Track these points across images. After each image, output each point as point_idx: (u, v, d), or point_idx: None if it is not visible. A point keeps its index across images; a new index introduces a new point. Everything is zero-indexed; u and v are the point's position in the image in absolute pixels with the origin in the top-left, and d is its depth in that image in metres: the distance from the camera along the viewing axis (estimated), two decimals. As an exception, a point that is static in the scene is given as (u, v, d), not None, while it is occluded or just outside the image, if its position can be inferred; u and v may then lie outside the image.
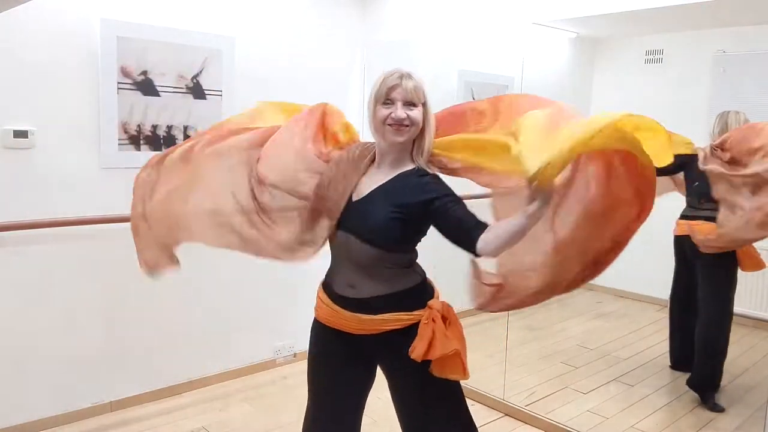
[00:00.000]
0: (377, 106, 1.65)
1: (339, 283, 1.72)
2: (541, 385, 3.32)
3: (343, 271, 1.71)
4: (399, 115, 1.61)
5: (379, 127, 1.66)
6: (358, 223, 1.65)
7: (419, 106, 1.65)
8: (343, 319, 1.71)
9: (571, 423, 2.90)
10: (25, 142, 2.63)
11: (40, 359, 2.77)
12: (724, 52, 3.47)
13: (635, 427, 2.92)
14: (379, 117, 1.64)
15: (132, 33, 2.84)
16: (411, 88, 1.62)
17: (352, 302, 1.69)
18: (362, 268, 1.67)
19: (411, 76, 1.65)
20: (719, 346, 3.07)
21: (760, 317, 3.52)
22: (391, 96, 1.63)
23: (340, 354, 1.76)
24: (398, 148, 1.68)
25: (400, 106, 1.62)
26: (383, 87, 1.64)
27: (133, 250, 3.00)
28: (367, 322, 1.67)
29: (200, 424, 2.94)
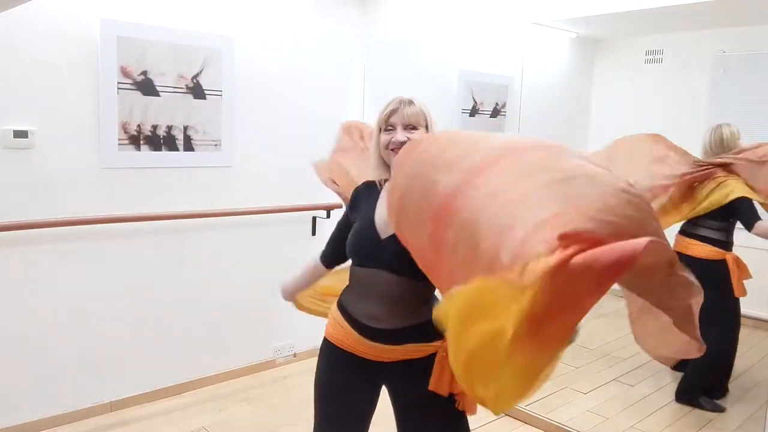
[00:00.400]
0: (380, 134, 1.67)
1: (360, 313, 1.67)
2: (541, 385, 3.32)
3: (365, 304, 1.66)
4: (398, 139, 1.62)
5: (384, 154, 1.67)
6: (392, 259, 1.60)
7: (420, 129, 1.65)
8: (361, 345, 1.67)
9: (571, 423, 2.90)
10: (25, 142, 2.63)
11: (40, 359, 2.78)
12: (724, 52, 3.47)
13: (635, 427, 2.92)
14: (382, 143, 1.66)
15: (132, 33, 2.84)
16: (410, 113, 1.64)
17: (374, 332, 1.65)
18: (391, 300, 1.63)
19: (412, 102, 1.66)
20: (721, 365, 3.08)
21: (760, 317, 3.52)
22: (390, 121, 1.65)
23: (352, 374, 1.72)
24: None
25: (400, 130, 1.63)
26: (383, 114, 1.66)
27: (133, 250, 3.01)
28: (386, 350, 1.64)
29: (200, 424, 2.94)
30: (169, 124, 3.03)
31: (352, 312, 1.69)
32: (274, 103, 3.42)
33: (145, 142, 2.97)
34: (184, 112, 3.07)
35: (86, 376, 2.92)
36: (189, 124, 3.09)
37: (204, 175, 3.20)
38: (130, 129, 2.92)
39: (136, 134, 2.94)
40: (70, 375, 2.87)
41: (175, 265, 3.16)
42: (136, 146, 2.95)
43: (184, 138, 3.08)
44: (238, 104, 3.25)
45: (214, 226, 3.26)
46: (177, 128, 3.06)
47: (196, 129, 3.12)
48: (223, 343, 3.38)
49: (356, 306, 1.68)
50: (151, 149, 2.99)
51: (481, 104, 3.97)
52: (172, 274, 3.16)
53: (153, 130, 2.99)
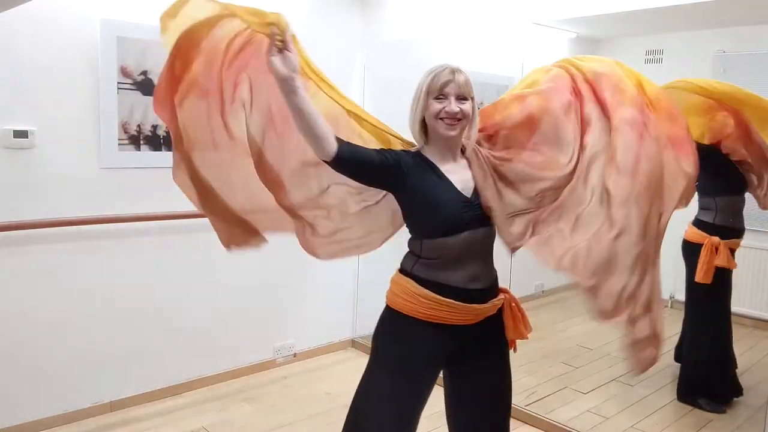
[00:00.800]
0: (429, 100, 1.68)
1: (459, 280, 1.68)
2: (541, 385, 3.32)
3: (468, 267, 1.69)
4: (453, 109, 1.66)
5: (432, 121, 1.69)
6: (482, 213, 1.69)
7: (469, 100, 1.70)
8: (454, 312, 1.68)
9: (571, 423, 2.90)
10: (25, 142, 2.63)
11: (40, 359, 2.77)
12: (724, 52, 3.47)
13: (635, 427, 2.92)
14: (432, 111, 1.68)
15: (132, 33, 2.84)
16: (463, 82, 1.68)
17: (473, 294, 1.69)
18: (486, 255, 1.74)
19: (461, 71, 1.70)
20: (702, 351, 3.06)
21: (760, 317, 3.51)
22: (444, 91, 1.67)
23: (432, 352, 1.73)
24: (453, 143, 1.73)
25: (453, 101, 1.66)
26: (436, 82, 1.67)
27: (133, 250, 3.01)
28: (478, 311, 1.71)
29: (200, 424, 2.94)
30: (169, 124, 3.02)
31: (450, 282, 1.68)
32: (274, 103, 3.41)
33: (145, 142, 2.97)
34: (184, 112, 3.06)
35: (86, 376, 2.92)
36: (189, 124, 3.09)
37: (204, 175, 3.20)
38: (130, 129, 2.91)
39: (136, 134, 2.94)
40: (70, 375, 2.87)
41: (175, 265, 3.15)
42: (136, 146, 2.95)
43: (184, 138, 3.08)
44: (238, 104, 3.24)
45: (214, 226, 3.26)
46: (177, 128, 3.06)
47: (196, 129, 3.12)
48: (223, 343, 3.38)
49: (455, 275, 1.69)
50: (151, 149, 2.99)
51: (481, 104, 3.96)
52: (172, 274, 3.16)
53: (153, 130, 2.99)
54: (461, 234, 1.66)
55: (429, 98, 1.68)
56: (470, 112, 1.70)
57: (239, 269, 3.38)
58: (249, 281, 3.41)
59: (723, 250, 2.90)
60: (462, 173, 1.73)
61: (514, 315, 1.80)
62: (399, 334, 1.75)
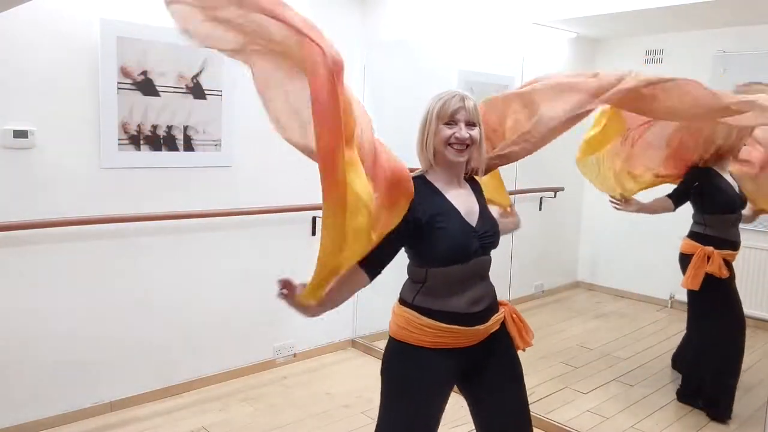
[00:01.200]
0: (439, 125, 1.71)
1: (460, 306, 1.71)
2: (541, 385, 3.32)
3: (469, 292, 1.73)
4: (463, 135, 1.69)
5: (440, 147, 1.72)
6: (490, 242, 1.77)
7: (478, 126, 1.73)
8: (463, 336, 1.72)
9: (571, 423, 2.90)
10: (25, 142, 2.63)
11: (40, 359, 2.78)
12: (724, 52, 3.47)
13: (635, 427, 2.92)
14: (441, 137, 1.70)
15: (132, 33, 2.84)
16: (472, 108, 1.72)
17: (475, 317, 1.73)
18: (484, 278, 1.79)
19: (470, 97, 1.74)
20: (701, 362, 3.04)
21: (760, 317, 3.52)
22: (455, 117, 1.70)
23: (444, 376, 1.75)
24: (459, 168, 1.77)
25: (463, 127, 1.70)
26: (447, 108, 1.70)
27: (133, 250, 3.02)
28: (481, 332, 1.75)
29: (200, 424, 2.94)
30: (169, 124, 3.03)
31: (452, 309, 1.71)
32: (274, 103, 3.41)
33: (145, 142, 2.97)
34: (184, 112, 3.07)
35: (86, 376, 2.92)
36: (189, 124, 3.09)
37: (204, 175, 3.20)
38: (130, 129, 2.92)
39: (136, 134, 2.94)
40: (70, 375, 2.87)
41: (175, 265, 3.16)
42: (136, 146, 2.95)
43: (184, 138, 3.09)
44: (238, 104, 3.25)
45: (214, 226, 3.26)
46: (177, 128, 3.06)
47: (196, 129, 3.12)
48: (223, 343, 3.38)
49: (456, 301, 1.71)
50: (151, 149, 2.99)
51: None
52: (172, 274, 3.16)
53: (153, 130, 2.99)
54: (468, 263, 1.70)
55: (439, 123, 1.71)
56: (478, 138, 1.73)
57: (239, 269, 3.38)
58: (249, 281, 3.42)
59: (716, 258, 2.90)
60: (466, 199, 1.77)
61: (517, 326, 1.86)
62: (408, 363, 1.74)
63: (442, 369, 1.73)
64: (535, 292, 4.52)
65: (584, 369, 3.57)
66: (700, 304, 3.02)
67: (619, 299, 4.39)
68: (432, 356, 1.71)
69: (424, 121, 1.74)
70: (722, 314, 2.99)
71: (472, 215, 1.74)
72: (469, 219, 1.73)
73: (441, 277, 1.70)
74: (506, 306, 1.85)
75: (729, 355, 2.99)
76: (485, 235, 1.75)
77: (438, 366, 1.72)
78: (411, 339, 1.72)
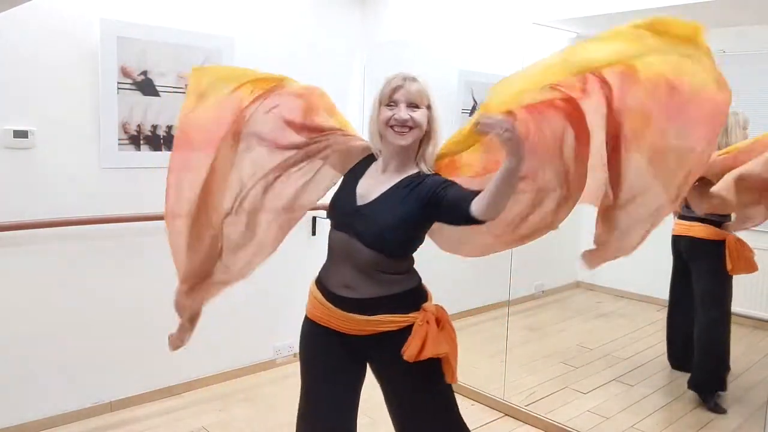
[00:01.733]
0: (380, 107, 1.66)
1: (335, 283, 1.71)
2: (541, 385, 3.32)
3: (341, 271, 1.70)
4: (401, 116, 1.62)
5: (383, 130, 1.66)
6: (363, 228, 1.65)
7: (423, 108, 1.65)
8: (336, 318, 1.70)
9: (571, 423, 2.90)
10: (25, 142, 2.63)
11: (40, 359, 2.77)
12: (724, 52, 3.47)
13: (635, 427, 2.92)
14: (382, 118, 1.65)
15: (132, 33, 2.84)
16: (414, 90, 1.63)
17: (347, 302, 1.68)
18: (361, 270, 1.67)
19: (415, 79, 1.65)
20: (720, 346, 3.08)
21: (760, 317, 3.52)
22: (394, 97, 1.64)
23: (332, 352, 1.74)
24: (403, 153, 1.68)
25: (403, 108, 1.62)
26: (387, 88, 1.65)
27: (133, 250, 3.01)
28: (361, 322, 1.67)
29: (200, 424, 2.94)
30: (169, 124, 3.03)
31: (328, 285, 1.72)
32: (274, 103, 3.41)
33: (145, 142, 2.97)
34: (184, 112, 3.07)
35: (86, 376, 2.92)
36: (189, 124, 3.09)
37: (204, 175, 3.20)
38: (130, 129, 2.92)
39: (136, 134, 2.94)
40: (70, 375, 2.87)
41: (175, 265, 3.15)
42: (136, 146, 2.95)
43: (184, 138, 3.08)
44: (238, 104, 3.25)
45: (214, 226, 3.26)
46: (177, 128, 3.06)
47: (196, 129, 3.12)
48: (223, 343, 3.38)
49: (332, 276, 1.72)
50: (151, 149, 2.99)
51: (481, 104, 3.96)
52: (172, 274, 3.16)
53: (153, 130, 2.99)
54: (340, 233, 1.69)
55: (381, 105, 1.67)
56: (422, 122, 1.64)
57: (239, 269, 3.38)
58: (249, 281, 3.40)
59: (742, 242, 2.95)
60: (377, 182, 1.70)
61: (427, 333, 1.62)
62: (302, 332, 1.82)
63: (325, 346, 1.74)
64: (535, 292, 4.52)
65: (584, 369, 3.57)
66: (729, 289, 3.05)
67: (619, 299, 4.39)
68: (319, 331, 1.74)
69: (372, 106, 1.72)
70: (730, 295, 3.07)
71: (365, 197, 1.68)
72: (360, 197, 1.69)
73: (329, 242, 1.76)
74: (425, 313, 1.66)
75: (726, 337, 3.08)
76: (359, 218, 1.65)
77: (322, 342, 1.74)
78: (307, 308, 1.80)
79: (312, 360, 1.79)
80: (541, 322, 4.31)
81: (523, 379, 3.36)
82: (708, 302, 3.11)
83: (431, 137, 1.68)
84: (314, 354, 1.79)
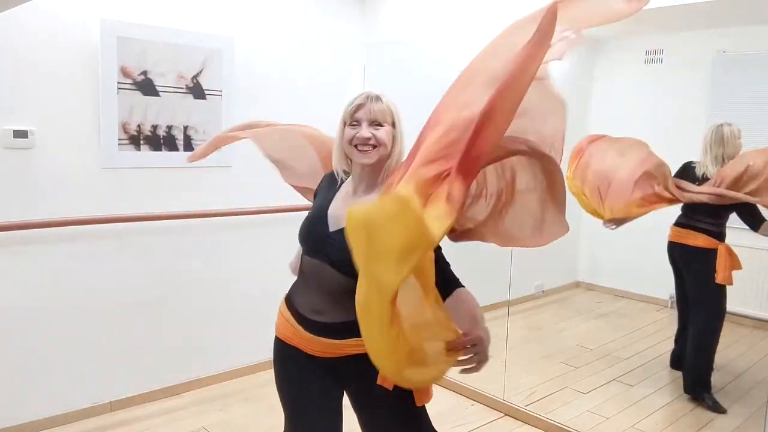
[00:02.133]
0: (344, 128, 1.65)
1: (304, 305, 1.68)
2: (541, 385, 3.32)
3: (309, 295, 1.67)
4: (363, 135, 1.60)
5: (348, 149, 1.65)
6: (335, 254, 1.59)
7: (386, 126, 1.64)
8: (304, 341, 1.67)
9: (571, 423, 2.90)
10: (25, 142, 2.63)
11: (39, 359, 2.78)
12: (724, 52, 3.47)
13: (635, 427, 2.92)
14: (345, 138, 1.64)
15: (132, 33, 2.84)
16: (376, 109, 1.62)
17: (316, 326, 1.65)
18: (332, 295, 1.63)
19: (379, 99, 1.65)
20: (707, 352, 3.15)
21: (760, 317, 3.52)
22: (356, 116, 1.63)
23: (305, 374, 1.71)
24: (371, 173, 1.65)
25: (365, 126, 1.62)
26: (349, 107, 1.65)
27: (133, 250, 3.02)
28: (329, 345, 1.64)
29: (200, 424, 2.94)
30: (169, 124, 3.03)
31: (298, 306, 1.71)
32: (274, 103, 3.42)
33: (145, 142, 2.97)
34: (184, 112, 3.07)
35: (86, 376, 2.92)
36: (189, 124, 3.09)
37: (204, 175, 3.20)
38: (130, 129, 2.92)
39: (136, 134, 2.94)
40: (70, 375, 2.87)
41: (175, 265, 3.15)
42: (136, 146, 2.95)
43: (184, 138, 3.09)
44: (238, 104, 3.25)
45: (214, 226, 3.26)
46: (177, 128, 3.06)
47: (196, 129, 3.12)
48: (223, 343, 3.38)
49: (302, 299, 1.70)
50: (151, 149, 2.99)
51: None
52: (172, 274, 3.16)
53: (153, 130, 2.99)
54: (312, 259, 1.65)
55: (345, 126, 1.66)
56: (385, 140, 1.61)
57: (239, 269, 3.38)
58: (249, 281, 3.42)
59: (733, 254, 3.05)
60: (348, 204, 1.65)
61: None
62: (276, 354, 1.79)
63: (302, 370, 1.70)
64: (535, 292, 4.52)
65: (584, 369, 3.57)
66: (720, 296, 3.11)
67: (619, 299, 4.39)
68: (293, 355, 1.71)
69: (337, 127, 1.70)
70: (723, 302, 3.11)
71: (338, 221, 1.63)
72: (332, 221, 1.65)
73: (301, 265, 1.73)
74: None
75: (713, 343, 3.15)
76: (332, 245, 1.60)
77: (298, 366, 1.71)
78: (276, 328, 1.78)
79: (286, 378, 1.76)
80: (541, 322, 4.31)
81: (523, 379, 3.36)
82: (699, 308, 3.18)
83: (393, 154, 1.65)
84: (288, 373, 1.76)
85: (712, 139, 3.06)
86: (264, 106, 3.37)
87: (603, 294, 4.47)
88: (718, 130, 3.05)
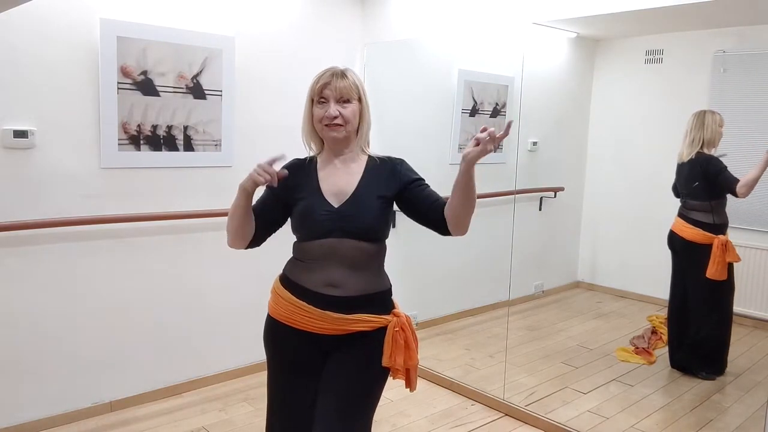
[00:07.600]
0: (313, 106, 1.70)
1: (314, 281, 1.69)
2: (541, 385, 3.32)
3: (325, 271, 1.68)
4: (331, 113, 1.66)
5: (318, 127, 1.71)
6: (350, 225, 1.66)
7: (353, 102, 1.69)
8: (309, 317, 1.68)
9: (571, 423, 2.91)
10: (25, 142, 2.63)
11: (40, 359, 2.78)
12: (724, 52, 3.47)
13: (635, 427, 2.92)
14: (315, 116, 1.70)
15: (132, 33, 2.84)
16: (342, 86, 1.66)
17: (328, 300, 1.67)
18: (353, 266, 1.67)
19: (345, 75, 1.69)
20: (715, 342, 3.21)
21: (760, 317, 3.52)
22: (323, 94, 1.67)
23: (301, 353, 1.73)
24: (345, 144, 1.73)
25: (332, 104, 1.66)
26: (316, 85, 1.69)
27: (133, 250, 3.02)
28: (337, 321, 1.66)
29: (200, 424, 2.94)
30: (169, 124, 3.03)
31: (304, 284, 1.70)
32: (274, 103, 3.42)
33: (145, 142, 2.97)
34: (184, 112, 3.07)
35: (86, 376, 2.92)
36: (189, 124, 3.09)
37: (204, 175, 3.20)
38: (130, 129, 2.92)
39: (136, 134, 2.94)
40: (70, 375, 2.87)
41: (176, 264, 3.16)
42: (136, 146, 2.95)
43: (184, 138, 3.09)
44: (238, 104, 3.25)
45: (214, 226, 3.26)
46: (177, 128, 3.06)
47: (196, 129, 3.12)
48: (223, 343, 3.38)
49: (312, 276, 1.70)
50: (151, 149, 2.99)
51: (481, 104, 3.97)
52: (172, 274, 3.16)
53: (153, 130, 2.99)
54: (324, 240, 1.67)
55: (313, 105, 1.70)
56: (352, 117, 1.69)
57: (239, 269, 3.38)
58: (249, 281, 3.41)
59: (731, 246, 3.05)
60: (340, 179, 1.72)
61: (395, 342, 1.68)
62: (269, 335, 1.80)
63: (294, 352, 1.73)
64: (535, 292, 4.52)
65: (584, 369, 3.57)
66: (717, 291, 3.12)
67: (619, 299, 4.39)
68: (289, 334, 1.72)
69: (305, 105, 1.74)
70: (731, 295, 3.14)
71: (339, 195, 1.70)
72: (332, 199, 1.69)
73: (299, 252, 1.75)
74: (398, 317, 1.71)
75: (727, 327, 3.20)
76: (346, 218, 1.66)
77: (290, 347, 1.73)
78: (272, 311, 1.78)
79: (278, 359, 1.79)
80: (540, 322, 4.31)
81: (523, 379, 3.36)
82: (700, 302, 3.18)
83: (363, 123, 1.73)
84: (280, 353, 1.78)
85: (694, 124, 3.12)
86: (264, 106, 3.37)
87: (603, 294, 4.47)
88: (700, 115, 3.13)
